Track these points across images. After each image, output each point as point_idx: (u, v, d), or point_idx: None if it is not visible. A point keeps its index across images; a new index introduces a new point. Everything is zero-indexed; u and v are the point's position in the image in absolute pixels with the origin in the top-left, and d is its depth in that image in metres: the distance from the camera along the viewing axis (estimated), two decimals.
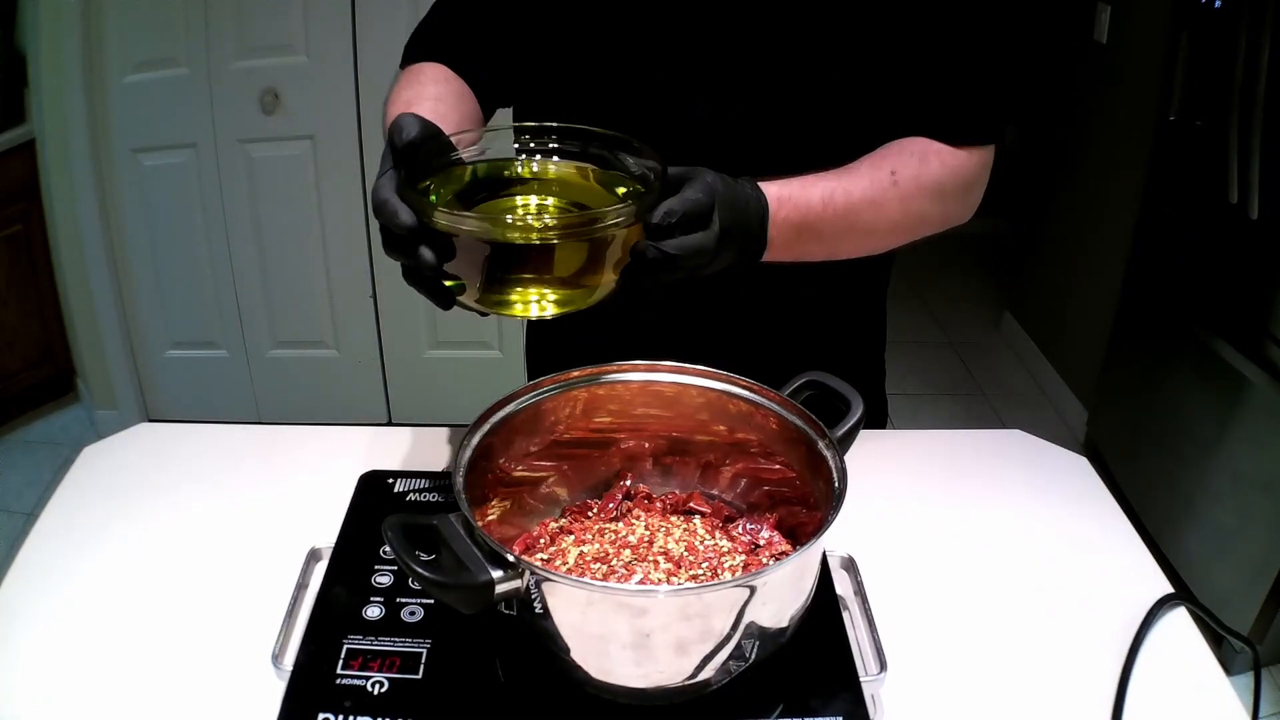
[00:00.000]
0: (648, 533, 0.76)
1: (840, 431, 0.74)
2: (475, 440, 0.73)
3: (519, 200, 0.75)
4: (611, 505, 0.80)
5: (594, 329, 0.86)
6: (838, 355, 0.92)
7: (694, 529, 0.77)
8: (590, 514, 0.80)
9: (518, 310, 0.71)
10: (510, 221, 0.70)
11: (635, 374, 0.81)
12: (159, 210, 2.48)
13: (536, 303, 0.70)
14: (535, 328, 1.16)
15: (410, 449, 1.00)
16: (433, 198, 0.72)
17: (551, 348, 1.12)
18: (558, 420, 0.80)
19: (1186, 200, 2.17)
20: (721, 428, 0.81)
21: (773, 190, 0.79)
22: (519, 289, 0.70)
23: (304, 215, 2.49)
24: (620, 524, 0.78)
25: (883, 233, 0.88)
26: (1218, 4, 1.97)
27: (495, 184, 0.76)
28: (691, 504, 0.81)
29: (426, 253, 0.66)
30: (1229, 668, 1.86)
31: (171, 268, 2.56)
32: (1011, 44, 0.89)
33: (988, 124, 0.88)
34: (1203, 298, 2.10)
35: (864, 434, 0.76)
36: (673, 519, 0.79)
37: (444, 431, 1.01)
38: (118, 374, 2.64)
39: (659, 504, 0.81)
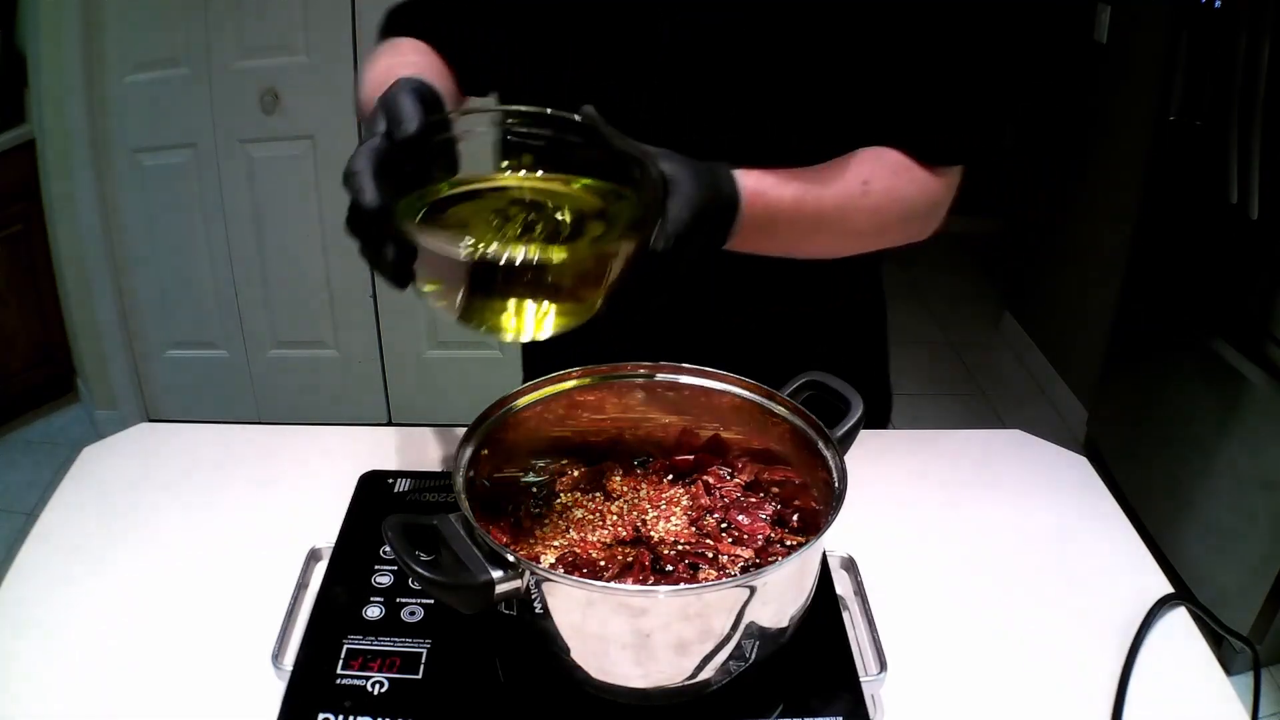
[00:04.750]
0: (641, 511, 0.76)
1: (840, 431, 0.74)
2: (475, 440, 0.73)
3: (503, 212, 0.69)
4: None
5: (593, 330, 0.86)
6: (840, 351, 0.92)
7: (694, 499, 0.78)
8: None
9: (495, 327, 0.66)
10: (494, 235, 0.65)
11: (635, 374, 0.81)
12: (159, 210, 2.48)
13: (516, 321, 0.66)
14: None
15: (410, 449, 1.00)
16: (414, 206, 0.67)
17: (549, 349, 1.12)
18: (558, 420, 0.80)
19: (1186, 200, 2.17)
20: (721, 427, 0.81)
21: (749, 183, 0.77)
22: (501, 310, 0.65)
23: (304, 215, 2.49)
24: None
25: (846, 240, 0.88)
26: (1218, 4, 1.97)
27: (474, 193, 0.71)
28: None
29: (390, 250, 0.63)
30: (1229, 668, 1.86)
31: (171, 268, 2.56)
32: (999, 65, 0.88)
33: (962, 147, 0.88)
34: (1203, 298, 2.10)
35: (864, 434, 0.76)
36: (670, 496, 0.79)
37: (444, 431, 1.01)
38: (118, 374, 2.64)
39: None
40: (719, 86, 0.87)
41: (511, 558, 0.60)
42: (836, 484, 0.69)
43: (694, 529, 0.75)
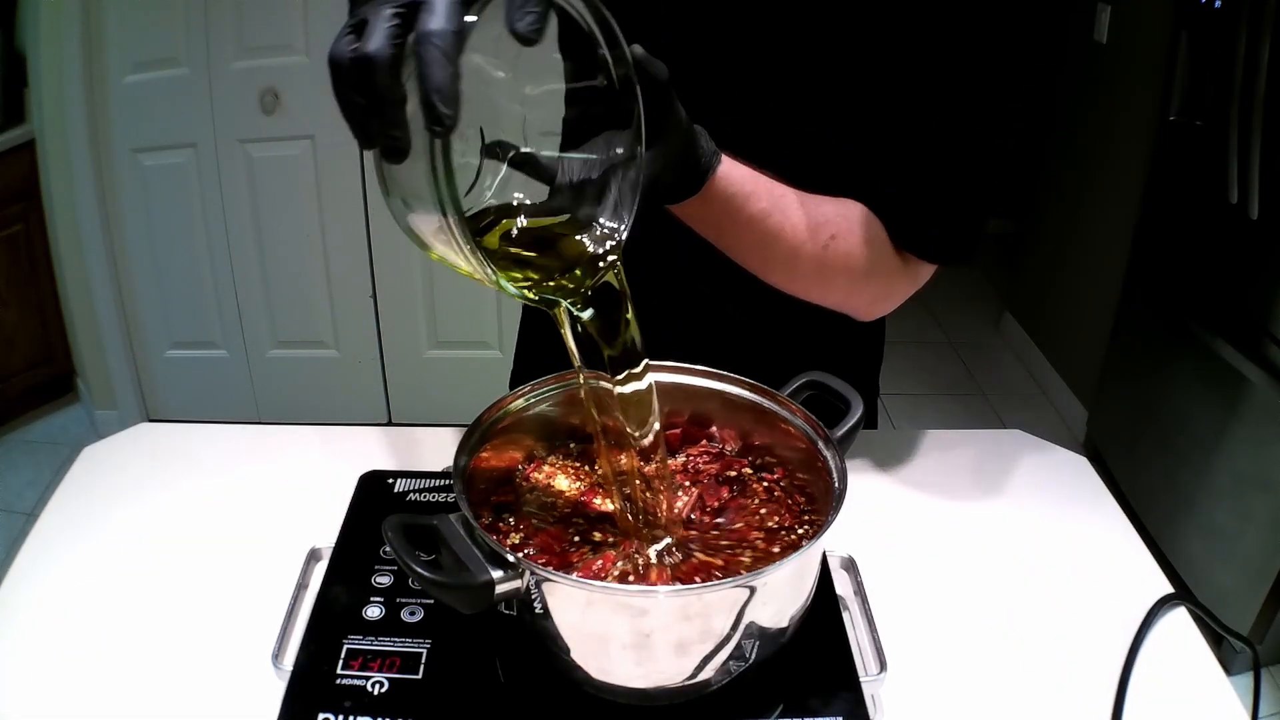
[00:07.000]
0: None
1: (840, 431, 0.74)
2: (475, 440, 0.73)
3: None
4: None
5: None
6: (834, 362, 0.91)
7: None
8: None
9: (453, 267, 0.60)
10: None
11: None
12: (159, 210, 2.49)
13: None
14: (529, 328, 1.15)
15: (410, 449, 1.00)
16: None
17: (546, 349, 1.11)
18: (557, 419, 0.80)
19: (1186, 200, 2.17)
20: (721, 427, 0.81)
21: (728, 183, 0.75)
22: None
23: (304, 215, 2.49)
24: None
25: (783, 276, 0.85)
26: (1218, 4, 1.97)
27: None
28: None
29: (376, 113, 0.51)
30: (1229, 668, 1.87)
31: (171, 268, 2.56)
32: (998, 166, 0.84)
33: (946, 249, 0.86)
34: (1203, 298, 2.10)
35: (864, 434, 0.77)
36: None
37: (444, 431, 1.01)
38: (118, 374, 2.64)
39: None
40: (721, 65, 0.86)
41: (511, 557, 0.60)
42: (836, 484, 0.69)
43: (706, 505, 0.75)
